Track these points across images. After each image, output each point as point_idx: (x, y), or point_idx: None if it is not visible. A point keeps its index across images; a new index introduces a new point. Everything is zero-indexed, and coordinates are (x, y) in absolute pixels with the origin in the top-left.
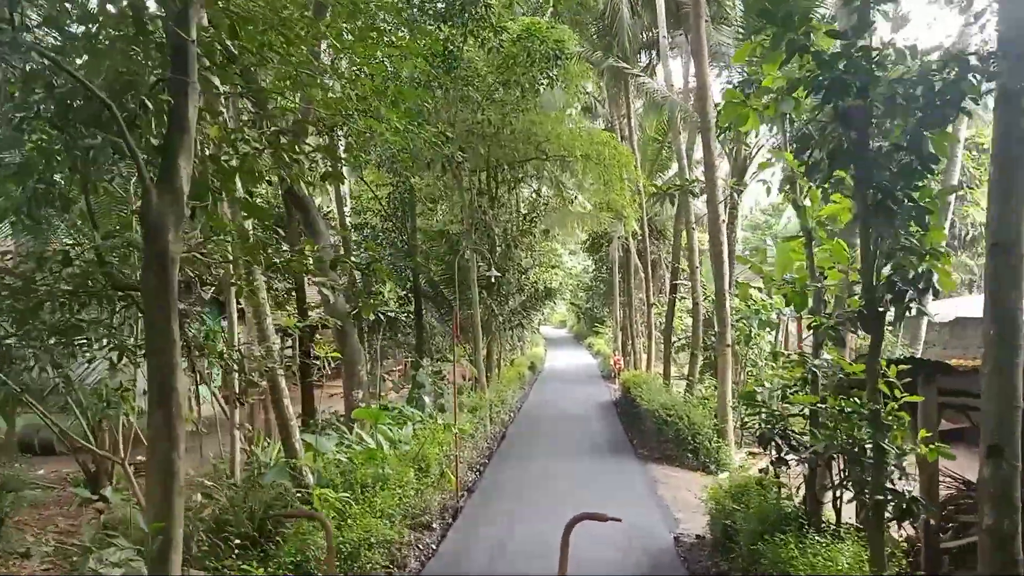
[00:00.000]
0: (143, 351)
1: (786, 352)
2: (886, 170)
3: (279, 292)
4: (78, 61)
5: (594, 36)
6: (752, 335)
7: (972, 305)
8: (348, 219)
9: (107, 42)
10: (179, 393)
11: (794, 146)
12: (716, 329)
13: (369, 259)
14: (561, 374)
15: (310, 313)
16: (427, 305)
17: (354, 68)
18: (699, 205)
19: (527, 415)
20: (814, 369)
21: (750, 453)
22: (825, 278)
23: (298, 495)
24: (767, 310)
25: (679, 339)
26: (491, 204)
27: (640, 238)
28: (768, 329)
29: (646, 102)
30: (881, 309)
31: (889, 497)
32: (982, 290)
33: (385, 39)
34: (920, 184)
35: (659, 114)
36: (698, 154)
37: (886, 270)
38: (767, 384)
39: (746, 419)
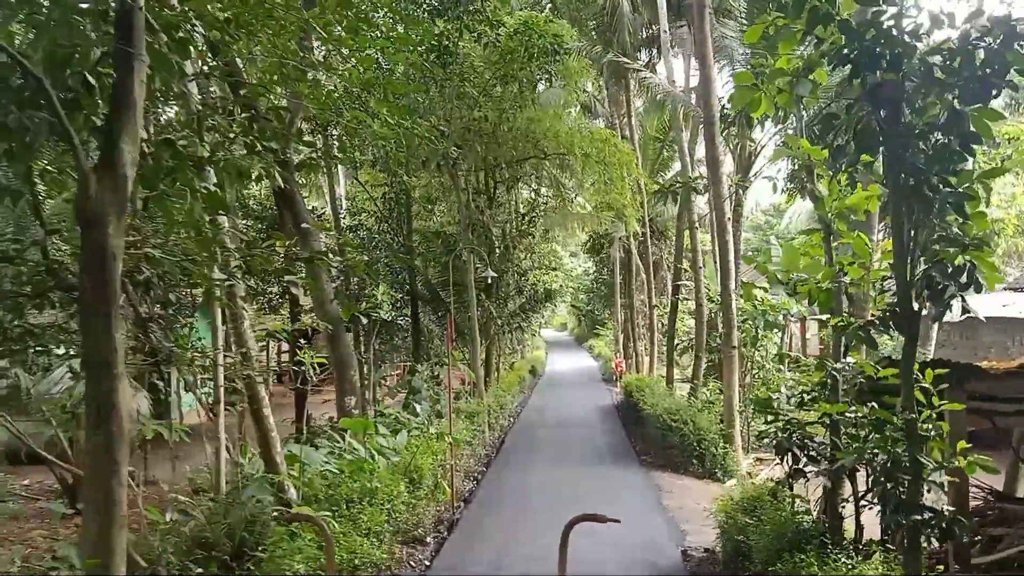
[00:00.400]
0: None
1: (791, 354)
2: (921, 152)
3: (272, 296)
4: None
5: (593, 32)
6: (758, 336)
7: (981, 305)
8: (344, 220)
9: (45, 10)
10: (122, 411)
11: (818, 128)
12: (721, 330)
13: (354, 259)
14: (562, 377)
15: (301, 317)
16: (424, 308)
17: (345, 62)
18: (701, 205)
19: (527, 420)
20: (835, 373)
21: (757, 459)
22: (845, 275)
23: (275, 514)
24: (774, 311)
25: (682, 341)
26: (489, 204)
27: (641, 239)
28: (775, 330)
29: (647, 100)
30: (916, 307)
31: (928, 516)
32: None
33: (377, 32)
34: (959, 167)
35: (660, 112)
36: (700, 152)
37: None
38: (783, 389)
39: (753, 422)
